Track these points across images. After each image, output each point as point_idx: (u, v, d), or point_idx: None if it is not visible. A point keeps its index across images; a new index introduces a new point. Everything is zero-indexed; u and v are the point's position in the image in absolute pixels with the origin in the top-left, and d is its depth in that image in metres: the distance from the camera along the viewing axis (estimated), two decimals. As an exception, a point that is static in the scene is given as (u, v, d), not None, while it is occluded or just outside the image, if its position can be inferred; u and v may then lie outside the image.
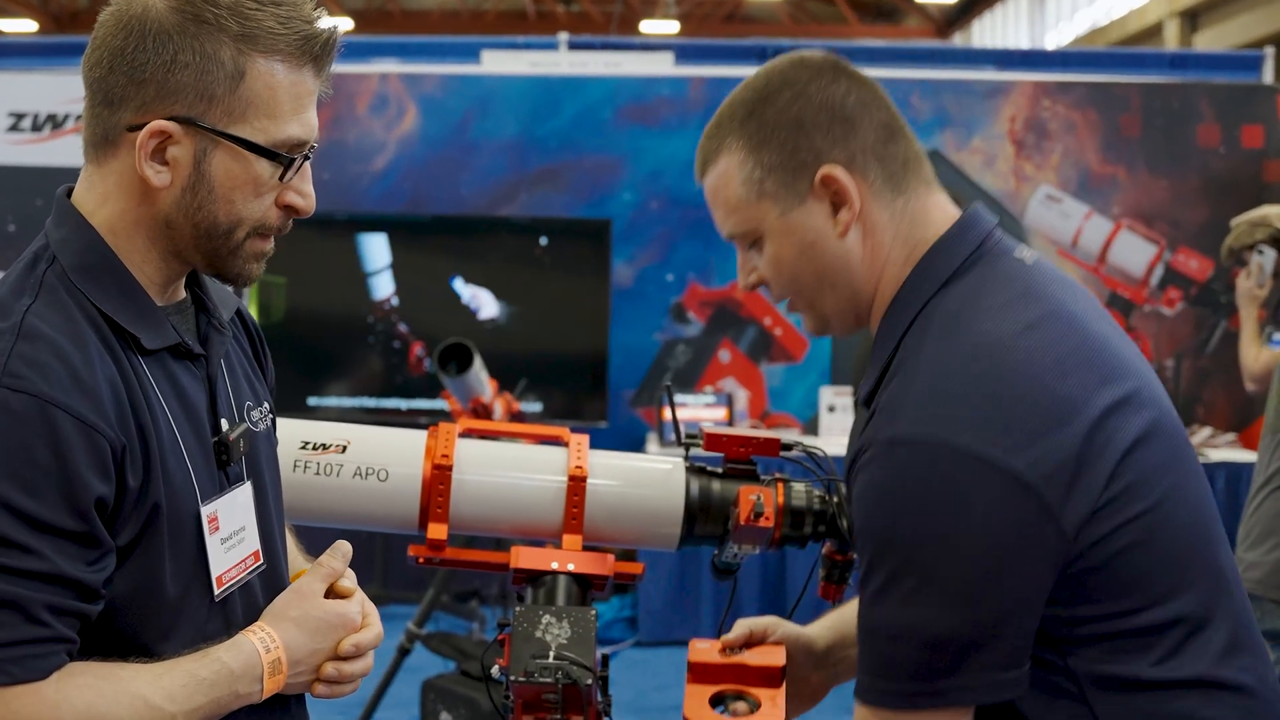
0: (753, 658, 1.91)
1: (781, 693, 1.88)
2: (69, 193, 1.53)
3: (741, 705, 1.87)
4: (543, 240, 6.17)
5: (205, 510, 1.51)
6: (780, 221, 1.62)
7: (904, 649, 1.47)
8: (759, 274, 1.68)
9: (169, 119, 1.45)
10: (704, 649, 1.93)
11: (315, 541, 1.86)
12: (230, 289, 1.72)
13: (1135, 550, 1.47)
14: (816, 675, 2.01)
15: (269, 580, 1.64)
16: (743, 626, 1.96)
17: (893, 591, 1.47)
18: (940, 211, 1.65)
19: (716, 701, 1.88)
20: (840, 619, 2.04)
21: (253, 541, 1.60)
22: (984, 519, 1.43)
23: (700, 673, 1.91)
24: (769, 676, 1.90)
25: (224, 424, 1.57)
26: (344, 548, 1.65)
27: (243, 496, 1.59)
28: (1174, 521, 1.50)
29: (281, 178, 1.50)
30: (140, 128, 1.45)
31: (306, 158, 1.52)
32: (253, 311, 6.14)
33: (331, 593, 1.62)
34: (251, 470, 1.62)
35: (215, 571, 1.53)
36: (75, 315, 1.45)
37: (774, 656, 1.92)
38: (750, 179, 1.62)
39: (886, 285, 1.63)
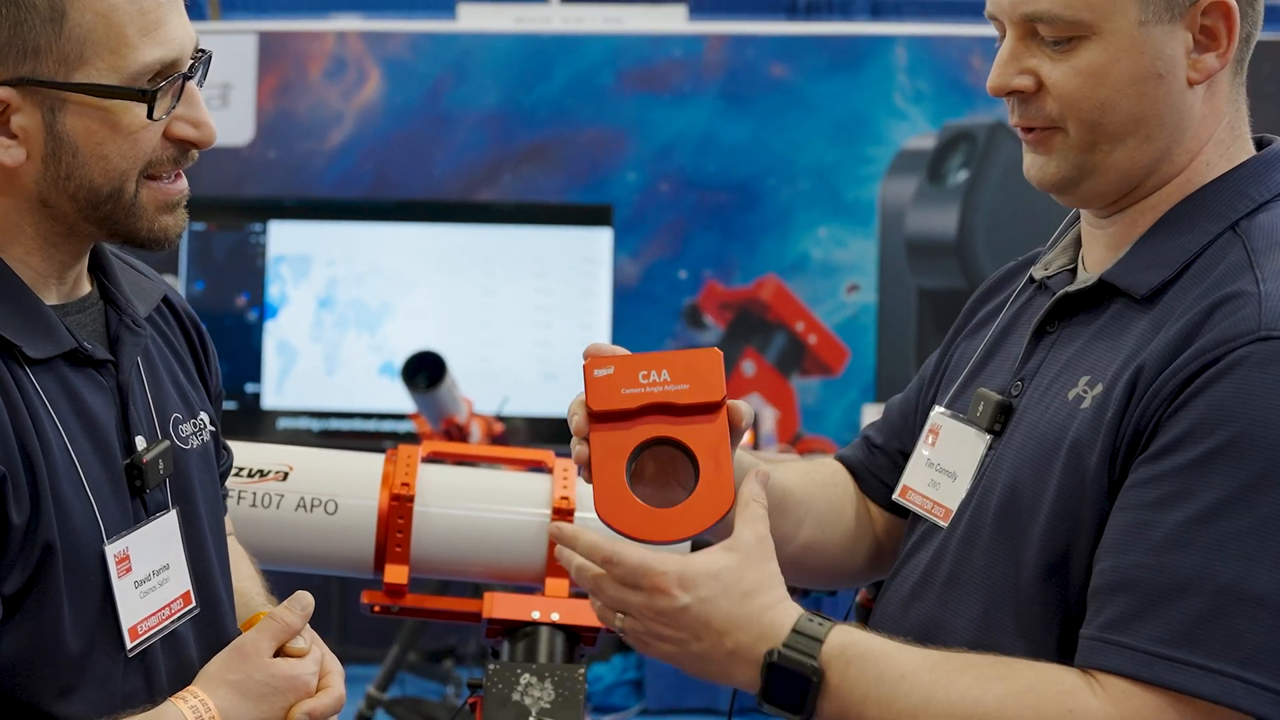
0: (678, 377, 1.61)
1: (725, 441, 1.61)
2: None
3: (664, 452, 1.61)
4: (530, 230, 6.18)
5: (111, 549, 1.51)
6: (1135, 31, 1.54)
7: (1257, 614, 1.38)
8: (1041, 78, 1.60)
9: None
10: (606, 376, 1.61)
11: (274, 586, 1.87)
12: (155, 274, 1.72)
13: None
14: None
15: (206, 627, 1.63)
16: None
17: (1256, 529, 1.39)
18: (1246, 123, 1.62)
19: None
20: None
21: (181, 581, 1.60)
22: None
23: (604, 418, 1.61)
24: (703, 410, 1.61)
25: (139, 442, 1.57)
26: (304, 600, 1.64)
27: (164, 529, 1.58)
28: None
29: (151, 114, 1.49)
30: None
31: (187, 77, 1.52)
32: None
33: (282, 653, 1.61)
34: (179, 496, 1.62)
35: (127, 622, 1.52)
36: None
37: (708, 378, 1.61)
38: None
39: (1196, 171, 1.59)
